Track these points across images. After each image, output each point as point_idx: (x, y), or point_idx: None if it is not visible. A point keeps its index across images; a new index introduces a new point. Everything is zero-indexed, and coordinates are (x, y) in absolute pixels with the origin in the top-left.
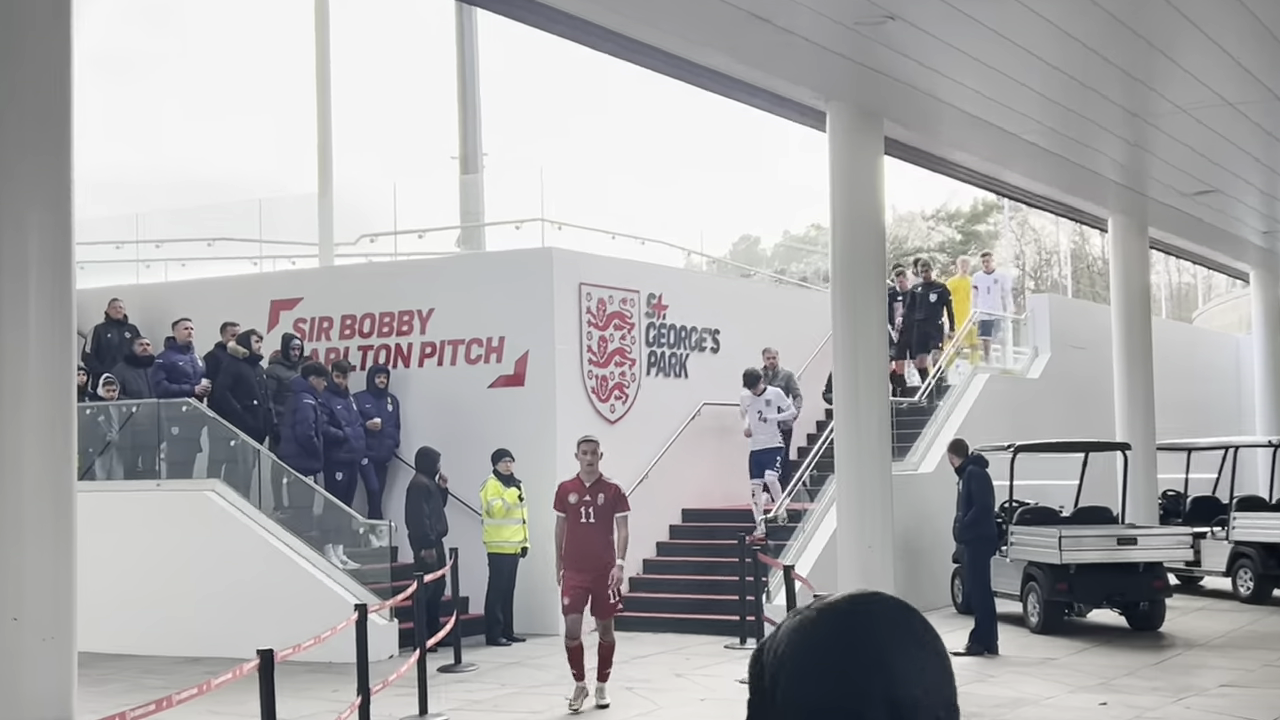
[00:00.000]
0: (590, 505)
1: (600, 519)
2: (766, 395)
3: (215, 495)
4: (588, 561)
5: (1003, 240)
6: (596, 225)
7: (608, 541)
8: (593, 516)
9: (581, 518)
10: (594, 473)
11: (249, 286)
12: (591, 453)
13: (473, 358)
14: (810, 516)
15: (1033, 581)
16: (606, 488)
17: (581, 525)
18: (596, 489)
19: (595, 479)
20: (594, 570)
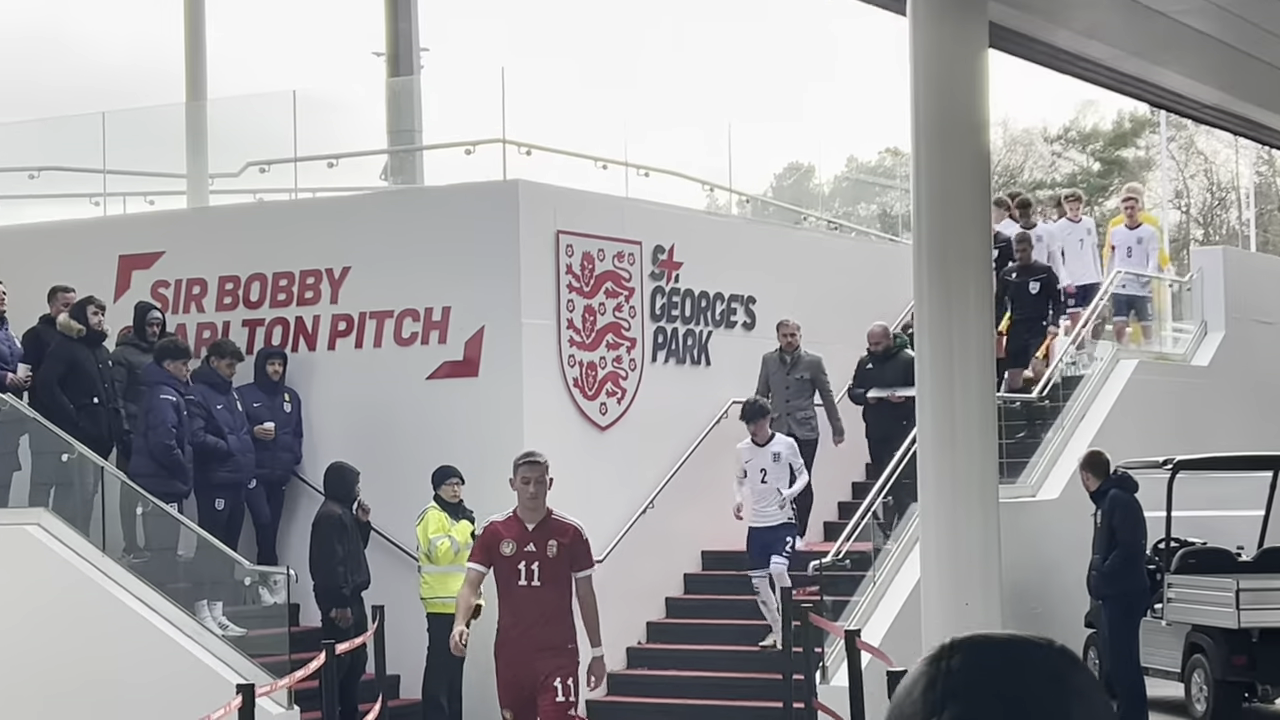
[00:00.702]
0: (536, 559)
1: (550, 580)
2: (774, 446)
3: (41, 531)
4: (530, 645)
5: (1158, 171)
6: (580, 149)
7: (560, 614)
8: (538, 577)
9: (520, 578)
10: (540, 508)
11: (88, 236)
12: (538, 479)
13: (405, 337)
14: (882, 561)
15: (1199, 653)
16: (560, 531)
17: (521, 591)
18: (544, 534)
19: (542, 518)
20: (539, 657)
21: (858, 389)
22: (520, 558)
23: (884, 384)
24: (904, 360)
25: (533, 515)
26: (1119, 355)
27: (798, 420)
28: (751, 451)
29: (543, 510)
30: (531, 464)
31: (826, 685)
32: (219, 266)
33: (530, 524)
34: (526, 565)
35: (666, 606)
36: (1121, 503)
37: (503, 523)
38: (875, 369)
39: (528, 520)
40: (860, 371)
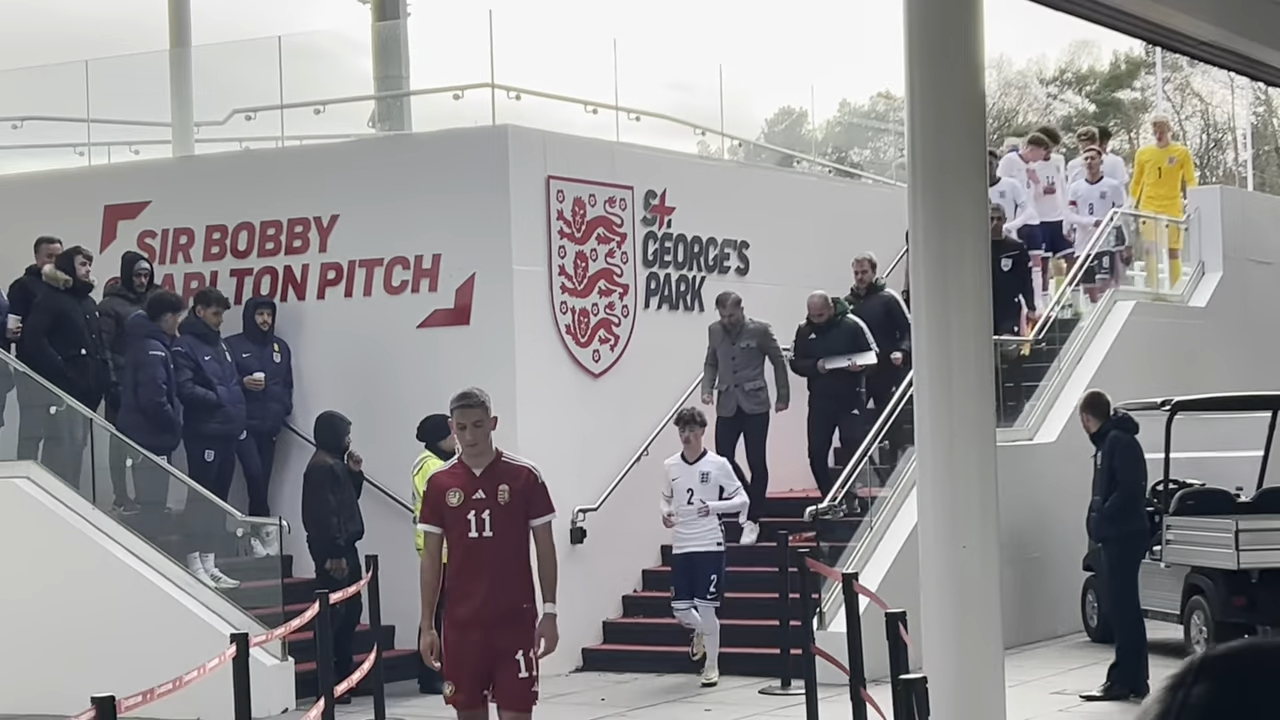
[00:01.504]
0: (486, 507)
1: (504, 530)
2: (704, 465)
3: (30, 484)
4: (485, 607)
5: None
6: (570, 93)
7: (517, 569)
8: (490, 527)
9: (470, 529)
10: (484, 451)
11: (73, 186)
12: (474, 424)
13: (395, 285)
14: (879, 507)
15: (1198, 595)
16: (511, 475)
17: (471, 544)
18: (494, 479)
19: (490, 462)
20: (496, 622)
21: (804, 359)
22: (469, 507)
23: (832, 352)
24: (848, 327)
25: (478, 460)
26: (1116, 297)
27: (746, 392)
28: (680, 469)
29: (489, 453)
30: (465, 407)
31: (824, 631)
32: (206, 216)
33: (477, 469)
34: (477, 515)
35: (661, 554)
36: (1122, 444)
37: (447, 472)
38: (819, 339)
39: (474, 466)
40: (803, 342)
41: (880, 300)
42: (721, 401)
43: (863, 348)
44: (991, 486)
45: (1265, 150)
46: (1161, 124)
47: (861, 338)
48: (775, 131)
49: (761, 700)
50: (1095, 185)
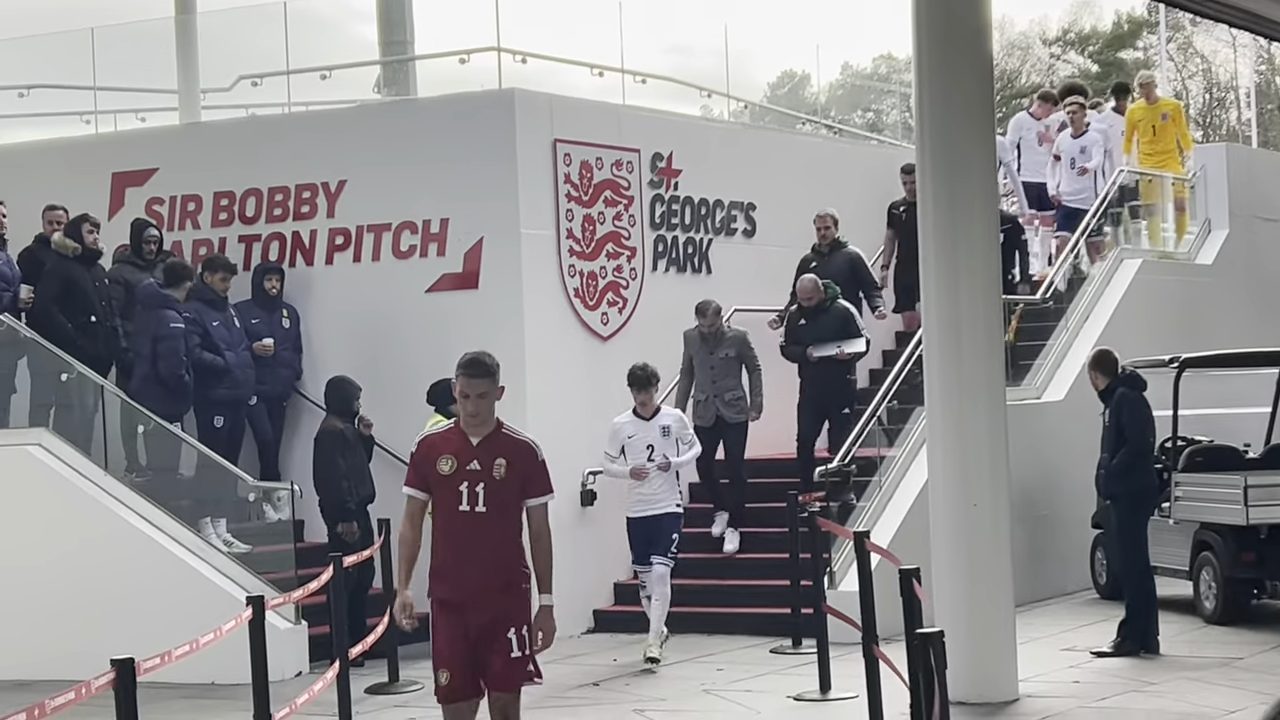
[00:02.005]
0: (480, 480)
1: (498, 506)
2: (662, 419)
3: (42, 451)
4: (476, 587)
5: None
6: (576, 57)
7: (511, 548)
8: (482, 502)
9: (461, 502)
10: (486, 422)
11: (81, 154)
12: (479, 395)
13: (403, 250)
14: (889, 466)
15: (1207, 551)
16: (510, 448)
17: (462, 519)
18: (491, 450)
19: (489, 432)
20: (484, 601)
21: (794, 346)
22: (461, 478)
23: (821, 339)
24: (838, 313)
25: (477, 429)
26: (1122, 255)
27: (726, 401)
28: (635, 426)
29: (490, 423)
30: (472, 376)
31: (835, 590)
32: (213, 182)
33: (475, 438)
34: (469, 487)
35: None
36: (1130, 401)
37: (441, 435)
38: (809, 325)
39: (472, 434)
40: (792, 328)
41: (844, 257)
42: (700, 411)
43: (852, 334)
44: (1002, 445)
45: (1269, 109)
46: (1148, 82)
47: (852, 324)
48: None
49: (773, 659)
50: (1077, 140)
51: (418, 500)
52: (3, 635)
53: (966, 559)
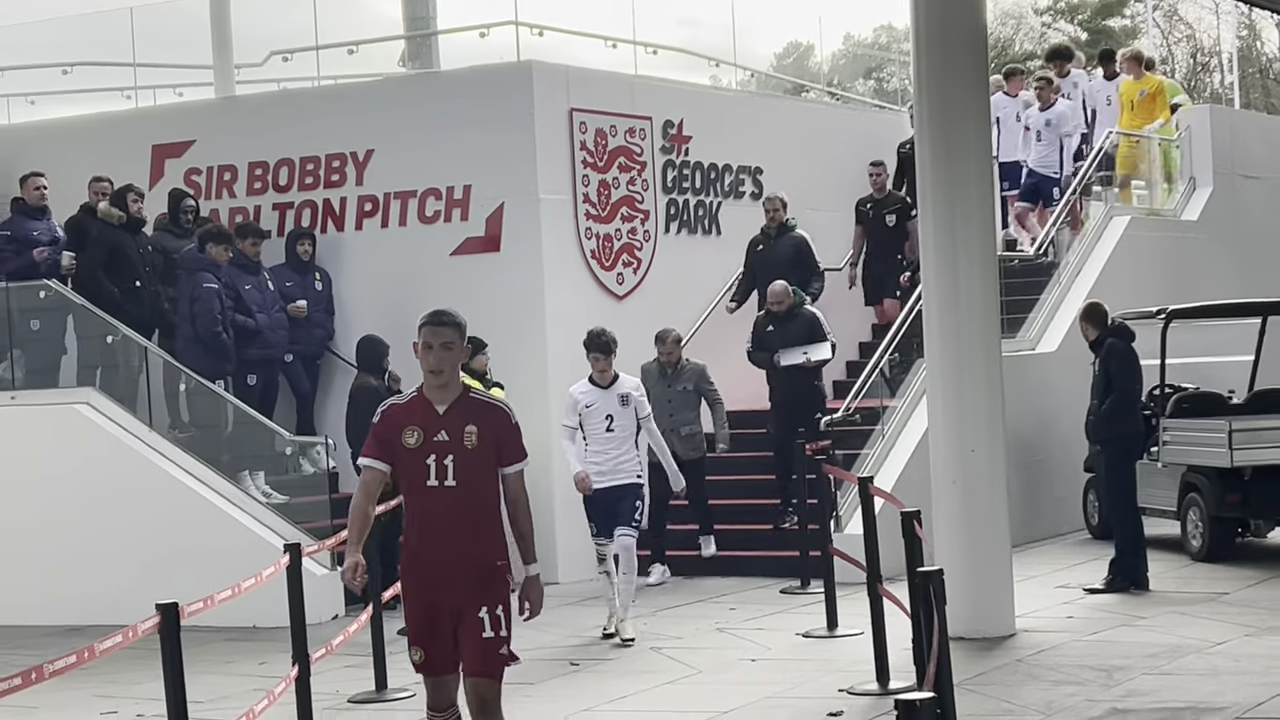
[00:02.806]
0: (449, 451)
1: (470, 478)
2: (621, 387)
3: (90, 409)
4: (447, 563)
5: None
6: (590, 29)
7: (486, 522)
8: (453, 474)
9: (430, 477)
10: (450, 386)
11: (122, 128)
12: (446, 341)
13: (428, 215)
14: (892, 415)
15: (1194, 493)
16: (479, 414)
17: (432, 494)
18: (459, 418)
19: (455, 398)
20: (459, 580)
21: (761, 352)
22: (428, 450)
23: (788, 345)
24: (805, 319)
25: (442, 395)
26: (1112, 212)
27: (682, 437)
28: (593, 394)
29: (455, 388)
30: (435, 325)
31: (841, 533)
32: (248, 153)
33: (440, 405)
34: (438, 460)
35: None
36: (1118, 351)
37: (404, 405)
38: (777, 330)
39: (436, 401)
40: (760, 334)
41: (791, 241)
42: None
43: (818, 339)
44: (998, 394)
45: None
46: (1133, 57)
47: (818, 330)
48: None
49: (783, 599)
50: (1044, 113)
51: (375, 471)
52: (55, 583)
53: (965, 502)
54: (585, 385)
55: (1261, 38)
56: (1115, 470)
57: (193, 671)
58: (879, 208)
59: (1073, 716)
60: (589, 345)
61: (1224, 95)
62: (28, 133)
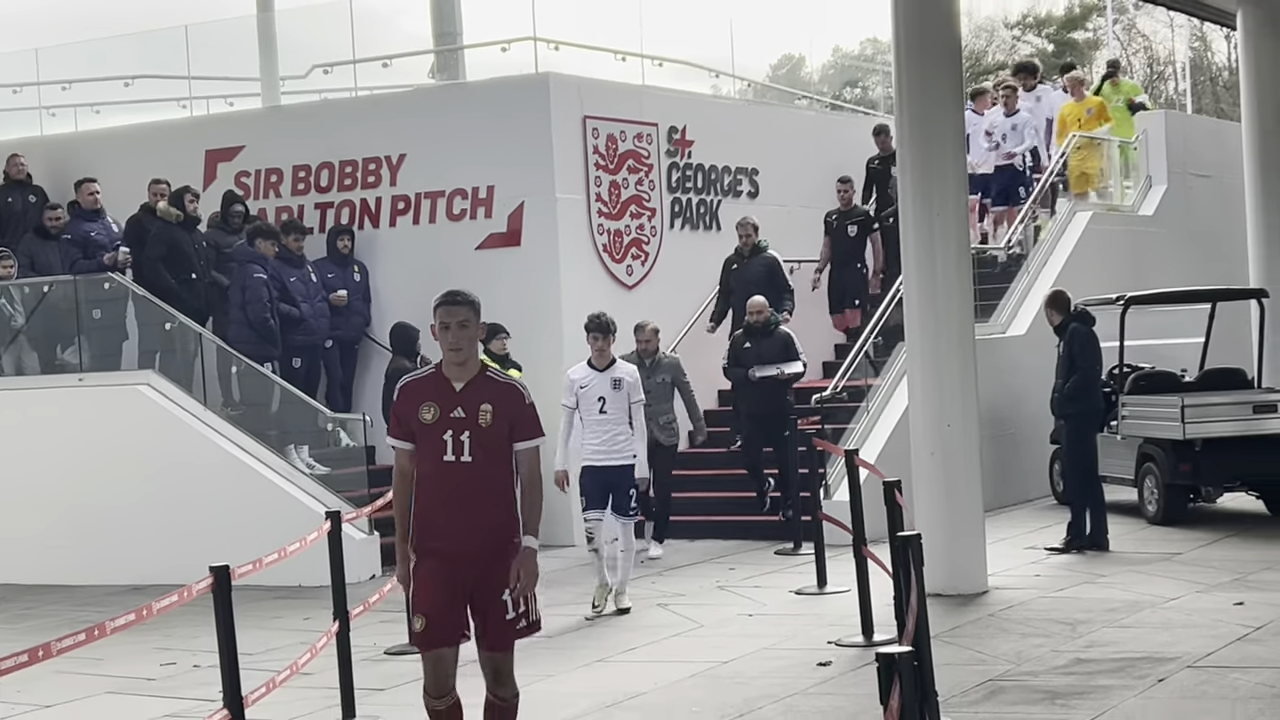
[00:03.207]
0: (466, 427)
1: (486, 454)
2: (616, 371)
3: (150, 390)
4: (463, 537)
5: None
6: (602, 44)
7: (502, 499)
8: (469, 450)
9: (447, 452)
10: (468, 363)
11: (178, 134)
12: (460, 324)
13: (456, 213)
14: (875, 393)
15: (1150, 462)
16: (495, 392)
17: (447, 469)
18: (475, 395)
19: (473, 376)
20: (475, 554)
21: (736, 368)
22: (445, 425)
23: (763, 362)
24: (780, 337)
25: (460, 372)
26: (1075, 208)
27: (660, 425)
28: (590, 376)
29: (473, 366)
30: (450, 304)
31: (830, 500)
32: (292, 157)
33: (458, 383)
34: (455, 435)
35: (688, 437)
36: (1080, 335)
37: (420, 382)
38: (754, 347)
39: (454, 379)
40: (737, 350)
41: (763, 261)
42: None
43: (792, 358)
44: (971, 374)
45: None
46: (1075, 80)
47: (792, 348)
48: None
49: (777, 560)
50: (1009, 118)
51: (407, 452)
52: (118, 547)
53: (942, 472)
54: (582, 367)
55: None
56: (1075, 442)
57: (243, 626)
58: (843, 219)
59: (1040, 665)
60: (589, 326)
61: (1178, 101)
62: (94, 139)
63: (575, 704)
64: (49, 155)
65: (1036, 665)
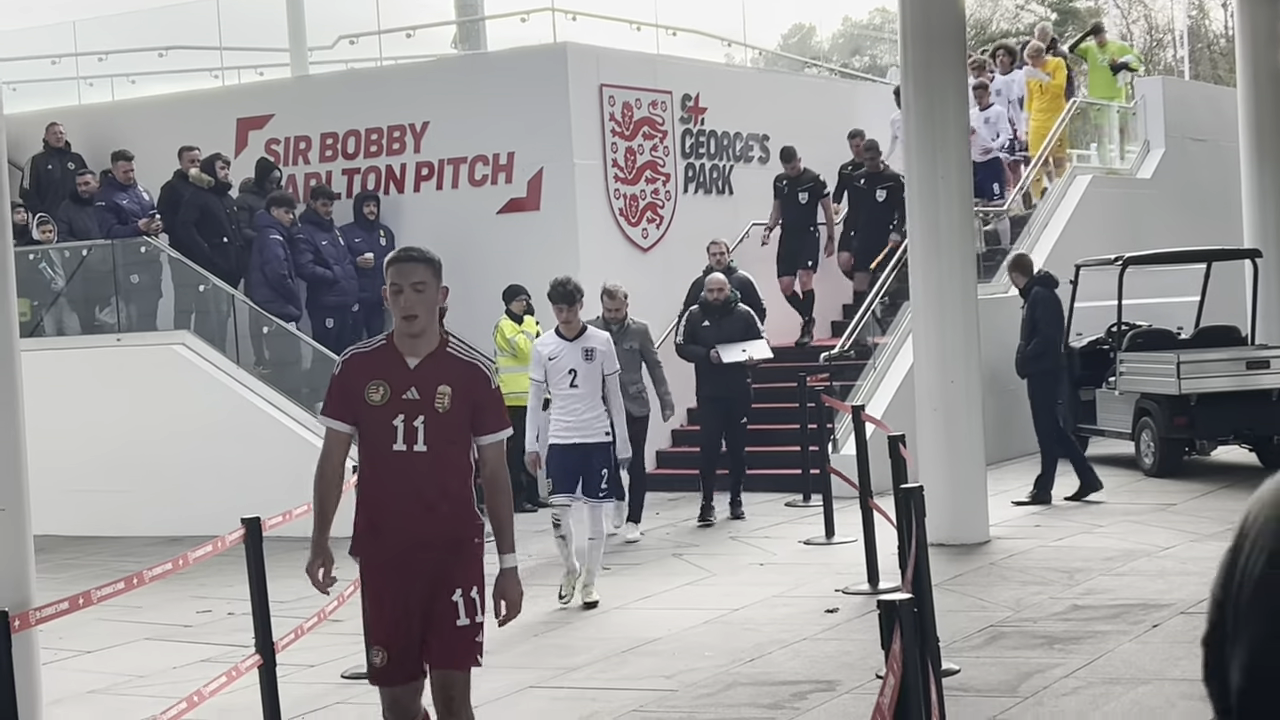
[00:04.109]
0: (420, 411)
1: (442, 444)
2: (587, 340)
3: (185, 349)
4: (415, 544)
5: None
6: (618, 14)
7: (458, 495)
8: (423, 439)
9: (396, 440)
10: (426, 335)
11: (211, 103)
12: (417, 282)
13: (477, 179)
14: (882, 351)
15: (1146, 416)
16: (456, 372)
17: (397, 460)
18: (433, 374)
19: (431, 351)
20: (429, 562)
21: (695, 347)
22: (396, 409)
23: (725, 341)
24: (741, 316)
25: (415, 345)
26: (1075, 172)
27: (630, 395)
28: (558, 346)
29: (431, 339)
30: (401, 261)
31: (837, 454)
32: (320, 125)
33: (412, 359)
34: (406, 421)
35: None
36: (1043, 298)
37: (370, 354)
38: (713, 326)
39: (408, 353)
40: (694, 329)
41: (735, 280)
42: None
43: (753, 337)
44: (974, 333)
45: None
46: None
47: (754, 328)
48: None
49: (787, 511)
50: (982, 112)
51: (341, 435)
52: (155, 499)
53: (945, 426)
54: (551, 337)
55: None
56: (1038, 400)
57: (274, 576)
58: (793, 185)
59: (1039, 612)
60: (552, 296)
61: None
62: (129, 108)
63: (591, 649)
64: (86, 124)
65: (1035, 612)
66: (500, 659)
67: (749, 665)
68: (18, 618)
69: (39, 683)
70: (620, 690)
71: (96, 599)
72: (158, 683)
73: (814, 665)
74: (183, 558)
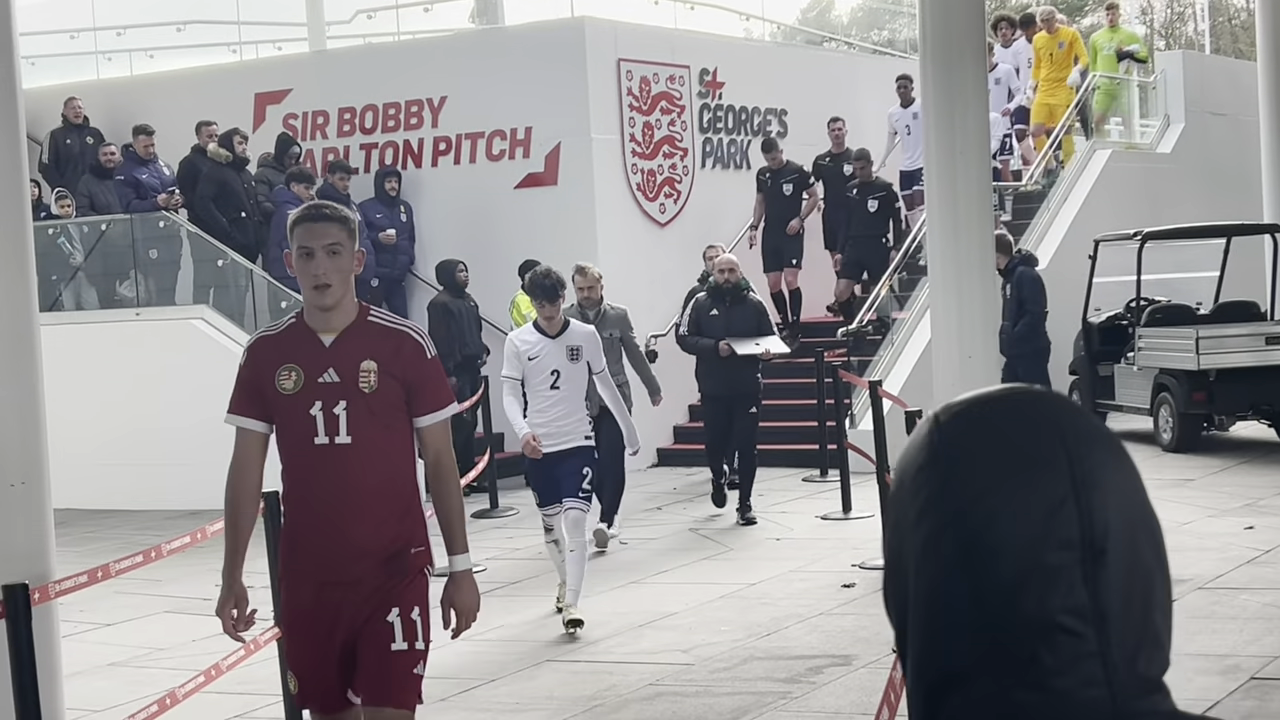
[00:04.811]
0: (341, 396)
1: (370, 431)
2: (570, 337)
3: (203, 323)
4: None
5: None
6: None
7: (394, 492)
8: (346, 428)
9: (317, 433)
10: (340, 304)
11: (229, 78)
12: (331, 244)
13: (495, 153)
14: (900, 327)
15: (1165, 392)
16: (382, 344)
17: (318, 454)
18: (353, 350)
19: (350, 324)
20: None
21: (702, 338)
22: (312, 395)
23: (735, 333)
24: (754, 305)
25: (329, 320)
26: (1095, 146)
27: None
28: (539, 344)
29: (348, 310)
30: (314, 221)
31: (854, 430)
32: (338, 99)
33: (327, 335)
34: (325, 409)
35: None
36: (1028, 278)
37: (277, 336)
38: (721, 315)
39: (321, 329)
40: (701, 316)
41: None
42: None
43: (766, 331)
44: (993, 307)
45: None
46: (1048, 16)
47: (767, 320)
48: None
49: (804, 486)
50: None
51: (251, 434)
52: (176, 474)
53: None
54: (530, 331)
55: None
56: (1031, 380)
57: None
58: (776, 177)
59: None
60: (532, 291)
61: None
62: (148, 82)
63: (609, 623)
64: (105, 98)
65: None
66: (517, 631)
67: (765, 639)
68: (37, 590)
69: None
70: (637, 664)
71: (116, 572)
72: (176, 655)
73: (830, 640)
74: (201, 531)
